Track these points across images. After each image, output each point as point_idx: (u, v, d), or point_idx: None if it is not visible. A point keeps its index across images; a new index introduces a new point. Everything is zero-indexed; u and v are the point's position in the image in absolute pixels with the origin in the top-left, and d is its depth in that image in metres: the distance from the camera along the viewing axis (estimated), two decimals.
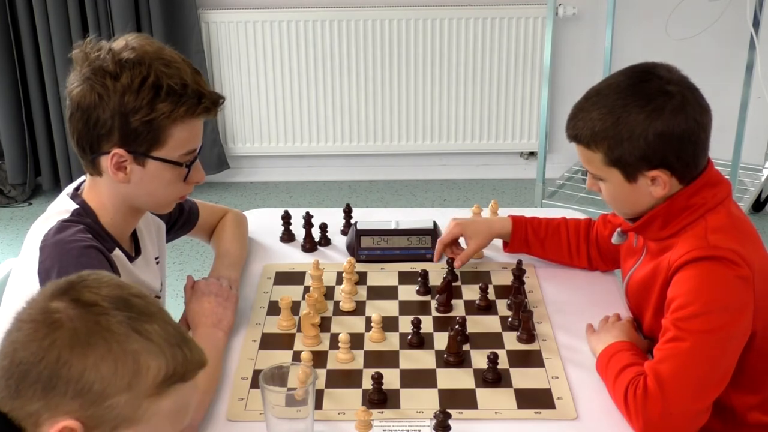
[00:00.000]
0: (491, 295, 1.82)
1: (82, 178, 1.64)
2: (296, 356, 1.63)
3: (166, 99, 1.48)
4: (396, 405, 1.52)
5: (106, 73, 1.47)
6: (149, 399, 0.99)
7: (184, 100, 1.50)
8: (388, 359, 1.64)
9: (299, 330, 1.71)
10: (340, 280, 1.87)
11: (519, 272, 1.82)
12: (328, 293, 1.84)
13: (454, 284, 1.83)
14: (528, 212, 2.11)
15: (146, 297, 1.05)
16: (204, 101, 1.53)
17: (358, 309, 1.80)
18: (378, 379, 1.51)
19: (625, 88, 1.53)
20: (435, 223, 2.02)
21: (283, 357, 1.64)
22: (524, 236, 1.91)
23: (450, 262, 1.90)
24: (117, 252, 1.58)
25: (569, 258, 1.91)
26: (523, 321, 1.69)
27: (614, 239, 1.73)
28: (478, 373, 1.59)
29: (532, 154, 4.23)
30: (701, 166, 1.56)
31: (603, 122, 1.53)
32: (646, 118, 1.50)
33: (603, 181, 1.59)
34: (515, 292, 1.80)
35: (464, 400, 1.52)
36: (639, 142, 1.51)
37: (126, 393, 0.98)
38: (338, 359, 1.63)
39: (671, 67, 1.56)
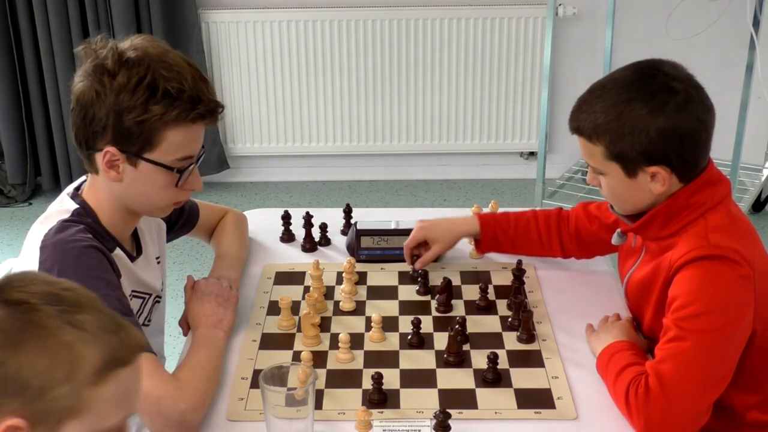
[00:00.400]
0: (491, 295, 1.82)
1: (83, 177, 1.65)
2: (296, 356, 1.63)
3: (161, 101, 1.48)
4: (396, 405, 1.52)
5: (104, 71, 1.48)
6: (90, 388, 1.00)
7: (177, 104, 1.49)
8: (388, 359, 1.64)
9: (299, 330, 1.71)
10: (340, 280, 1.87)
11: (519, 272, 1.82)
12: (328, 293, 1.84)
13: (454, 284, 1.83)
14: None
15: (77, 289, 1.06)
16: (199, 107, 1.51)
17: (358, 309, 1.80)
18: (378, 379, 1.51)
19: (629, 83, 1.53)
20: None
21: (283, 357, 1.64)
22: (493, 236, 1.91)
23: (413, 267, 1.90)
24: (118, 251, 1.58)
25: (541, 250, 1.91)
26: (523, 321, 1.69)
27: (614, 240, 1.73)
28: (478, 373, 1.59)
29: (532, 154, 4.23)
30: (702, 165, 1.56)
31: (606, 115, 1.53)
32: (648, 114, 1.50)
33: (603, 175, 1.59)
34: (515, 292, 1.80)
35: (464, 400, 1.52)
36: (641, 137, 1.51)
37: (66, 385, 0.98)
38: (338, 359, 1.63)
39: (677, 64, 1.56)
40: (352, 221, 2.06)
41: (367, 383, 1.54)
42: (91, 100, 1.48)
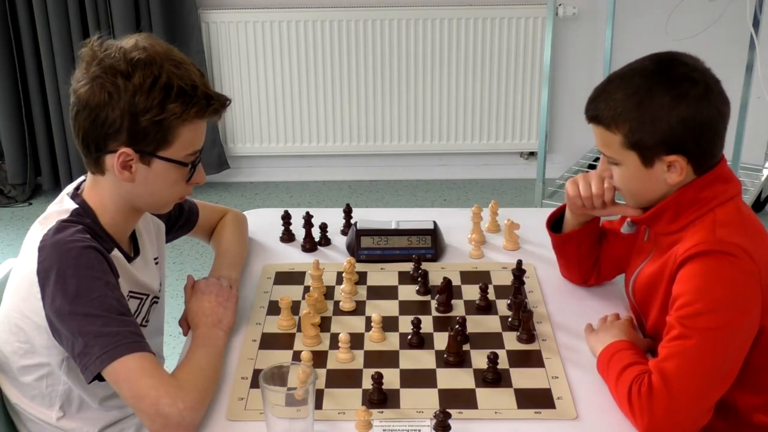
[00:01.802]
0: (491, 295, 1.82)
1: (83, 177, 1.64)
2: (296, 356, 1.63)
3: (176, 100, 1.49)
4: (396, 405, 1.51)
5: (117, 73, 1.47)
6: None
7: (194, 101, 1.50)
8: (388, 359, 1.64)
9: (299, 330, 1.71)
10: (340, 280, 1.87)
11: (519, 272, 1.82)
12: (328, 293, 1.84)
13: (454, 284, 1.83)
14: (528, 212, 2.11)
15: None
16: (213, 103, 1.54)
17: (358, 309, 1.80)
18: (378, 379, 1.51)
19: (650, 72, 1.54)
20: (435, 223, 2.01)
21: (283, 357, 1.64)
22: (588, 236, 1.80)
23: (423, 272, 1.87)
24: (115, 252, 1.58)
25: (579, 275, 1.86)
26: (523, 321, 1.69)
27: (623, 229, 1.72)
28: (478, 373, 1.59)
29: (532, 154, 4.23)
30: (717, 158, 1.57)
31: (626, 103, 1.53)
32: (670, 102, 1.50)
33: (618, 165, 1.58)
34: (515, 292, 1.80)
35: (464, 400, 1.52)
36: (662, 125, 1.51)
37: None
38: (338, 359, 1.63)
39: (694, 56, 1.57)
40: (352, 221, 2.06)
41: (367, 383, 1.54)
42: (102, 102, 1.48)
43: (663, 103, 1.51)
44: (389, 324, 1.72)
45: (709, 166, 1.56)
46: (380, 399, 1.52)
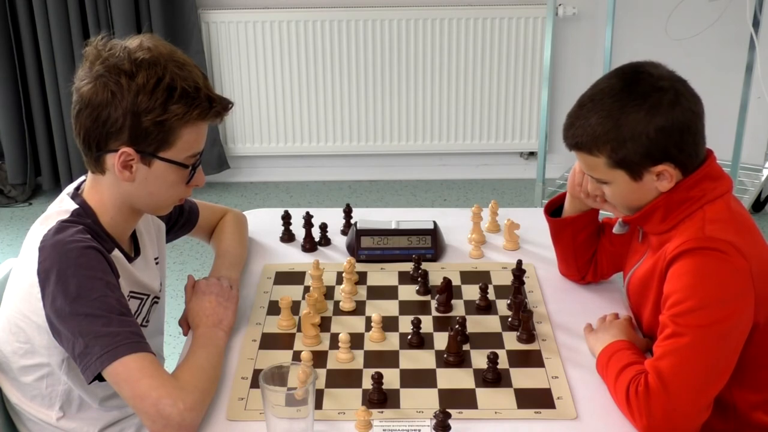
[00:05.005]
0: (491, 295, 1.82)
1: (83, 177, 1.64)
2: (296, 356, 1.63)
3: (179, 101, 1.49)
4: (396, 405, 1.52)
5: (121, 72, 1.47)
6: None
7: (197, 103, 1.50)
8: (388, 359, 1.64)
9: (299, 330, 1.72)
10: (340, 280, 1.87)
11: (519, 272, 1.82)
12: (328, 293, 1.84)
13: (454, 284, 1.83)
14: (528, 212, 2.11)
15: None
16: (215, 105, 1.54)
17: (358, 309, 1.80)
18: (378, 379, 1.51)
19: (619, 90, 1.55)
20: (435, 223, 2.02)
21: (283, 357, 1.64)
22: (585, 226, 1.82)
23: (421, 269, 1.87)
24: (116, 252, 1.58)
25: (576, 269, 1.87)
26: (523, 321, 1.69)
27: (615, 229, 1.73)
28: (478, 373, 1.59)
29: (532, 154, 4.24)
30: (701, 156, 1.58)
31: (603, 126, 1.54)
32: (645, 116, 1.51)
33: (608, 184, 1.60)
34: (515, 292, 1.80)
35: (464, 400, 1.52)
36: (642, 140, 1.52)
37: None
38: (338, 359, 1.63)
39: (656, 63, 1.58)
40: (352, 221, 2.06)
41: (367, 383, 1.54)
42: (105, 101, 1.48)
43: (639, 119, 1.51)
44: (389, 324, 1.73)
45: (696, 165, 1.57)
46: (380, 399, 1.52)
